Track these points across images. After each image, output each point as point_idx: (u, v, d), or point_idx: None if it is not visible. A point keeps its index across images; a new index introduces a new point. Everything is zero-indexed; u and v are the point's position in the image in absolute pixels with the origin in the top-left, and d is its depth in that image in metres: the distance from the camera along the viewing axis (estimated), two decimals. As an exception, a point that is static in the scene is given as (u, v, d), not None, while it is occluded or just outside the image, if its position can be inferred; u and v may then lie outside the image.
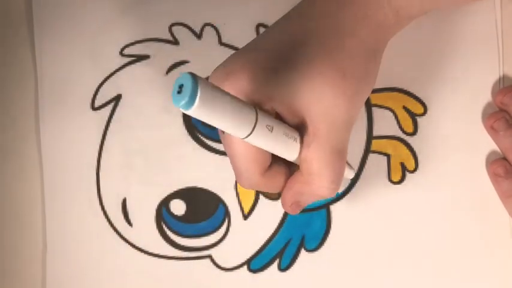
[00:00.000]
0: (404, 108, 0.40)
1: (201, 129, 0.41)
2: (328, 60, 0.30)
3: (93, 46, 0.42)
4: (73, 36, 0.43)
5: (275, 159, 0.31)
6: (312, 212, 0.40)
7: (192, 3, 0.42)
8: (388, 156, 0.40)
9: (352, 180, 0.40)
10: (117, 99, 0.42)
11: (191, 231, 0.40)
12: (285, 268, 0.40)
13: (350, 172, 0.37)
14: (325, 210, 0.40)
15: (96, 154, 0.41)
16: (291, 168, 0.32)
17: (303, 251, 0.40)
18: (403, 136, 0.40)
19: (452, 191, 0.39)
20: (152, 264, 0.40)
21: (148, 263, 0.40)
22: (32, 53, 0.43)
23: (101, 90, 0.42)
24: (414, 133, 0.40)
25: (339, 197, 0.40)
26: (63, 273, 0.41)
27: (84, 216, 0.41)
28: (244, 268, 0.40)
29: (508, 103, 0.39)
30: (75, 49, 0.42)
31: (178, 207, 0.41)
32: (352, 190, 0.40)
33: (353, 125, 0.31)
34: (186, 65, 0.41)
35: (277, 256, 0.40)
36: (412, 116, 0.40)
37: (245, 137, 0.26)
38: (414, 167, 0.40)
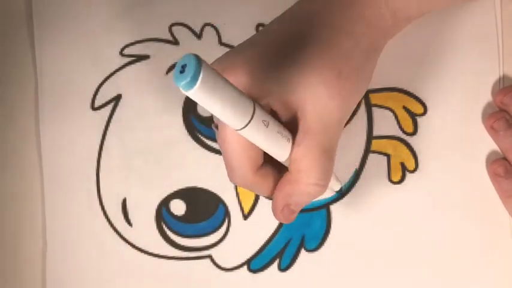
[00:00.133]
0: (404, 108, 0.40)
1: (201, 129, 0.41)
2: (324, 59, 0.30)
3: (93, 46, 0.42)
4: (73, 36, 0.43)
5: (266, 162, 0.31)
6: (312, 212, 0.40)
7: (192, 3, 0.42)
8: (388, 156, 0.40)
9: (352, 180, 0.40)
10: (117, 99, 0.42)
11: (191, 231, 0.40)
12: (285, 268, 0.40)
13: (336, 184, 0.37)
14: (325, 210, 0.40)
15: (96, 154, 0.41)
16: (280, 173, 0.32)
17: (303, 251, 0.40)
18: (403, 136, 0.40)
19: (452, 191, 0.39)
20: (152, 264, 0.40)
21: (148, 263, 0.40)
22: (32, 53, 0.43)
23: (101, 90, 0.42)
24: (414, 133, 0.40)
25: (339, 197, 0.40)
26: (63, 273, 0.41)
27: (84, 216, 0.41)
28: (244, 268, 0.40)
29: (508, 103, 0.39)
30: (75, 49, 0.42)
31: (178, 207, 0.41)
32: (352, 190, 0.40)
33: (343, 125, 0.31)
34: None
35: (277, 256, 0.40)
36: (412, 116, 0.40)
37: (241, 128, 0.26)
38: (414, 167, 0.40)
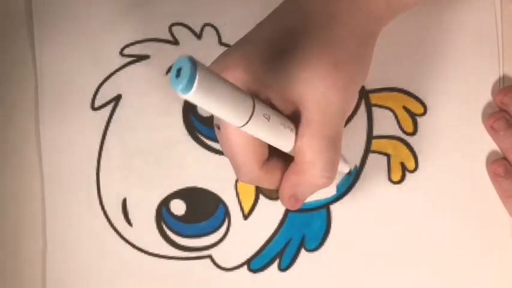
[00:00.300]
0: (404, 108, 0.40)
1: (201, 129, 0.41)
2: (320, 49, 0.30)
3: (93, 46, 0.42)
4: (73, 36, 0.43)
5: (272, 154, 0.31)
6: (312, 212, 0.40)
7: (192, 3, 0.42)
8: (388, 156, 0.40)
9: (352, 180, 0.40)
10: (117, 99, 0.42)
11: (191, 231, 0.40)
12: (285, 268, 0.40)
13: (345, 166, 0.37)
14: (325, 210, 0.40)
15: (96, 154, 0.41)
16: (287, 163, 0.32)
17: (303, 251, 0.40)
18: (403, 136, 0.40)
19: (452, 191, 0.39)
20: (152, 264, 0.40)
21: (148, 263, 0.40)
22: (32, 53, 0.43)
23: (101, 90, 0.42)
24: (414, 133, 0.40)
25: (339, 197, 0.40)
26: (63, 273, 0.41)
27: (84, 216, 0.41)
28: (244, 268, 0.40)
29: (508, 103, 0.39)
30: (75, 49, 0.42)
31: (178, 207, 0.41)
32: (352, 190, 0.40)
33: (347, 115, 0.31)
34: (186, 65, 0.41)
35: (277, 256, 0.40)
36: (412, 116, 0.40)
37: (243, 125, 0.26)
38: (414, 167, 0.40)
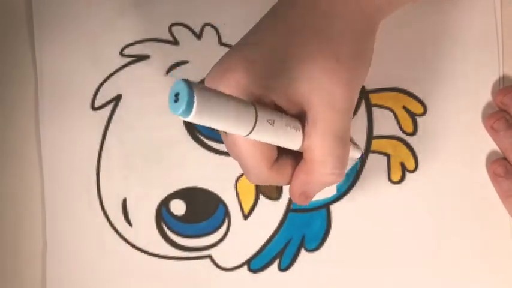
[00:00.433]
0: (404, 108, 0.40)
1: (201, 129, 0.41)
2: (320, 46, 0.30)
3: (93, 46, 0.42)
4: (73, 36, 0.43)
5: (281, 151, 0.31)
6: (312, 212, 0.40)
7: (192, 3, 0.42)
8: (388, 156, 0.40)
9: (352, 180, 0.40)
10: (117, 99, 0.42)
11: (191, 231, 0.40)
12: (285, 268, 0.40)
13: (356, 152, 0.36)
14: (325, 210, 0.40)
15: (96, 154, 0.41)
16: (297, 158, 0.32)
17: (303, 251, 0.40)
18: (403, 136, 0.40)
19: (452, 191, 0.39)
20: (152, 264, 0.40)
21: (148, 263, 0.40)
22: (32, 53, 0.43)
23: (101, 90, 0.42)
24: (414, 133, 0.40)
25: (339, 197, 0.40)
26: (63, 273, 0.41)
27: (84, 216, 0.41)
28: (244, 268, 0.40)
29: (508, 103, 0.39)
30: (75, 49, 0.42)
31: (178, 207, 0.41)
32: (352, 190, 0.40)
33: (352, 110, 0.31)
34: (186, 65, 0.41)
35: (277, 256, 0.40)
36: (412, 116, 0.40)
37: (247, 135, 0.26)
38: (414, 167, 0.40)
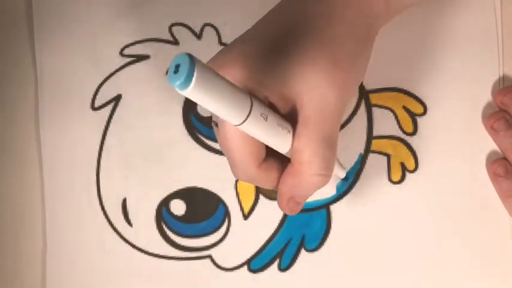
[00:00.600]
0: (404, 108, 0.40)
1: (201, 129, 0.41)
2: (318, 48, 0.30)
3: (93, 46, 0.42)
4: (73, 36, 0.43)
5: (269, 154, 0.31)
6: (312, 212, 0.40)
7: (192, 3, 0.42)
8: (388, 156, 0.40)
9: (352, 180, 0.40)
10: (117, 99, 0.42)
11: (191, 231, 0.40)
12: (285, 268, 0.40)
13: (341, 171, 0.37)
14: (325, 210, 0.40)
15: (96, 154, 0.41)
16: (284, 164, 0.32)
17: (303, 251, 0.40)
18: (403, 136, 0.40)
19: (452, 191, 0.39)
20: (152, 264, 0.40)
21: (148, 263, 0.40)
22: (32, 54, 0.43)
23: (101, 90, 0.42)
24: (414, 133, 0.40)
25: (339, 197, 0.40)
26: (63, 273, 0.41)
27: (84, 216, 0.41)
28: (244, 268, 0.40)
29: (508, 103, 0.39)
30: (75, 49, 0.42)
31: (178, 207, 0.41)
32: (352, 190, 0.40)
33: (343, 114, 0.31)
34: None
35: (277, 256, 0.40)
36: (412, 116, 0.40)
37: (240, 124, 0.26)
38: (414, 167, 0.39)
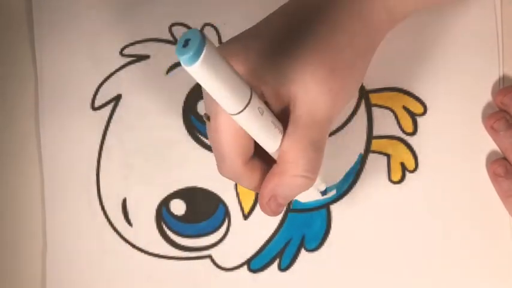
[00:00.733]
0: (404, 108, 0.40)
1: (201, 129, 0.41)
2: (319, 54, 0.30)
3: (93, 46, 0.42)
4: (73, 36, 0.43)
5: (255, 156, 0.31)
6: (312, 212, 0.40)
7: (192, 3, 0.42)
8: (388, 156, 0.40)
9: (352, 180, 0.40)
10: (117, 99, 0.42)
11: (191, 231, 0.40)
12: (285, 268, 0.40)
13: (321, 184, 0.37)
14: (325, 210, 0.40)
15: (96, 154, 0.41)
16: (269, 167, 0.32)
17: (303, 251, 0.40)
18: (403, 136, 0.40)
19: (452, 191, 0.39)
20: (152, 264, 0.40)
21: (148, 263, 0.40)
22: (32, 53, 0.43)
23: (101, 90, 0.42)
24: (414, 133, 0.40)
25: (339, 197, 0.40)
26: (63, 273, 0.41)
27: (84, 216, 0.41)
28: (244, 268, 0.40)
29: (508, 103, 0.39)
30: (75, 49, 0.42)
31: (178, 207, 0.41)
32: (352, 190, 0.40)
33: (334, 122, 0.31)
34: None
35: (277, 256, 0.40)
36: (412, 116, 0.40)
37: (236, 113, 0.26)
38: (414, 167, 0.39)
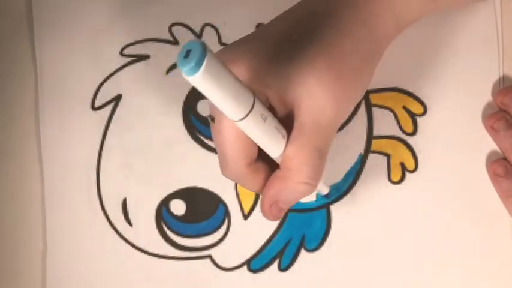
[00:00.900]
0: (404, 108, 0.40)
1: (201, 129, 0.41)
2: (324, 60, 0.30)
3: (93, 46, 0.42)
4: (73, 36, 0.43)
5: (258, 158, 0.31)
6: (312, 212, 0.40)
7: (192, 3, 0.42)
8: (388, 156, 0.40)
9: (352, 180, 0.40)
10: (117, 99, 0.42)
11: (191, 231, 0.40)
12: (285, 268, 0.40)
13: (324, 187, 0.37)
14: (325, 210, 0.40)
15: (96, 154, 0.41)
16: (272, 170, 0.32)
17: (303, 251, 0.40)
18: (403, 136, 0.40)
19: (452, 191, 0.39)
20: (152, 264, 0.40)
21: (148, 263, 0.40)
22: (32, 53, 0.43)
23: (101, 90, 0.42)
24: (414, 133, 0.40)
25: (339, 197, 0.40)
26: (63, 273, 0.41)
27: (84, 216, 0.41)
28: (244, 268, 0.40)
29: (509, 104, 0.39)
30: (75, 49, 0.42)
31: (178, 207, 0.41)
32: (352, 190, 0.40)
33: (338, 127, 0.31)
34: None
35: (277, 256, 0.40)
36: (412, 116, 0.40)
37: (239, 120, 0.26)
38: (414, 167, 0.39)
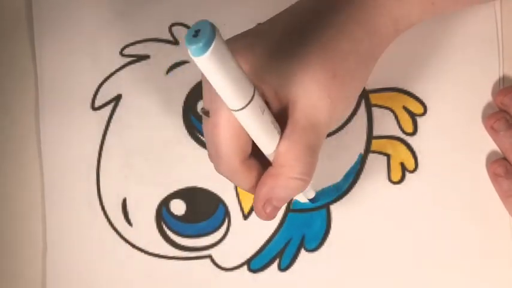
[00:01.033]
0: (404, 108, 0.40)
1: (201, 129, 0.41)
2: (321, 59, 0.30)
3: (93, 46, 0.42)
4: (73, 36, 0.43)
5: (252, 156, 0.31)
6: (312, 212, 0.40)
7: (192, 3, 0.42)
8: (388, 156, 0.40)
9: (352, 180, 0.40)
10: (117, 99, 0.42)
11: (191, 231, 0.40)
12: (285, 268, 0.40)
13: (310, 192, 0.37)
14: (325, 210, 0.40)
15: (96, 154, 0.41)
16: (264, 168, 0.32)
17: (303, 251, 0.40)
18: (403, 136, 0.40)
19: (452, 191, 0.39)
20: (152, 264, 0.40)
21: (148, 263, 0.40)
22: (32, 53, 0.43)
23: (101, 90, 0.42)
24: (414, 133, 0.40)
25: (339, 197, 0.40)
26: (63, 273, 0.41)
27: (84, 216, 0.41)
28: (244, 268, 0.40)
29: (509, 104, 0.39)
30: (75, 49, 0.43)
31: (178, 207, 0.41)
32: (352, 190, 0.40)
33: (332, 127, 0.31)
34: (186, 65, 0.41)
35: (277, 256, 0.40)
36: (412, 116, 0.40)
37: (239, 109, 0.26)
38: (414, 167, 0.39)
